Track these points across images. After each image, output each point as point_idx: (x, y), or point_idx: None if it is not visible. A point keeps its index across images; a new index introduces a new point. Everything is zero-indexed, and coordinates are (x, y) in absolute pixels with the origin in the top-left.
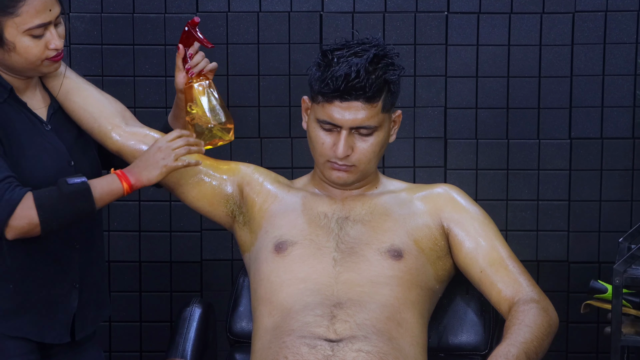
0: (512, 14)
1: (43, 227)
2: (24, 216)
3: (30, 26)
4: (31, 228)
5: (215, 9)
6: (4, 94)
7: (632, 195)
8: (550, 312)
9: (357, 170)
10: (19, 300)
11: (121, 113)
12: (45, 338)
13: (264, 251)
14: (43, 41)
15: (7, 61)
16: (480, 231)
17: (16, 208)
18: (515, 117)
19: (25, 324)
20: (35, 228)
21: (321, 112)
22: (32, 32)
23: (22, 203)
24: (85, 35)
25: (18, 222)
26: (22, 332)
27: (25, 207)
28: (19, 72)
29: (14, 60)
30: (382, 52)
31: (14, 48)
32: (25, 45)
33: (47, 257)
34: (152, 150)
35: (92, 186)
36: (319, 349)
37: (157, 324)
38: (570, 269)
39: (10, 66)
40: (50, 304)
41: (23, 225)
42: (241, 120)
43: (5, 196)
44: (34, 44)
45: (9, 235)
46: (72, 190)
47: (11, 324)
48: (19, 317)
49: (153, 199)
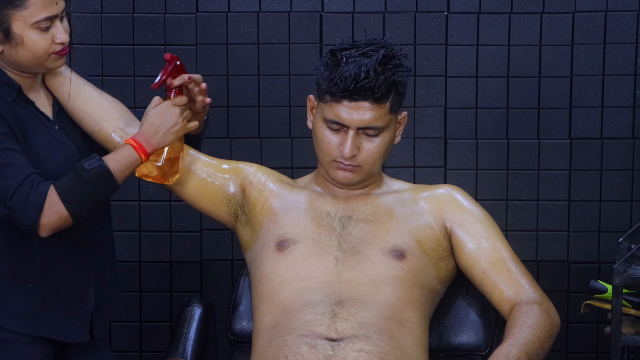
0: (512, 14)
1: (74, 217)
2: (53, 213)
3: (38, 19)
4: (62, 222)
5: (215, 9)
6: (13, 93)
7: (632, 195)
8: (552, 313)
9: (362, 170)
10: (40, 300)
11: (122, 114)
12: (67, 337)
13: (266, 249)
14: (49, 35)
15: (15, 57)
16: (483, 232)
17: (44, 207)
18: (515, 117)
19: (47, 323)
20: (67, 220)
21: (329, 112)
22: (39, 24)
23: (48, 200)
24: (85, 35)
25: (49, 219)
26: (44, 331)
27: (52, 204)
28: (25, 68)
29: (21, 55)
30: (391, 53)
31: (22, 42)
32: (33, 39)
33: (63, 255)
34: (169, 115)
35: (110, 165)
36: (319, 348)
37: (157, 324)
38: (570, 269)
39: (17, 62)
40: (70, 303)
41: (55, 221)
42: (241, 120)
43: (30, 197)
44: (41, 38)
45: (43, 233)
46: (93, 176)
47: (33, 323)
48: (41, 317)
49: (153, 199)
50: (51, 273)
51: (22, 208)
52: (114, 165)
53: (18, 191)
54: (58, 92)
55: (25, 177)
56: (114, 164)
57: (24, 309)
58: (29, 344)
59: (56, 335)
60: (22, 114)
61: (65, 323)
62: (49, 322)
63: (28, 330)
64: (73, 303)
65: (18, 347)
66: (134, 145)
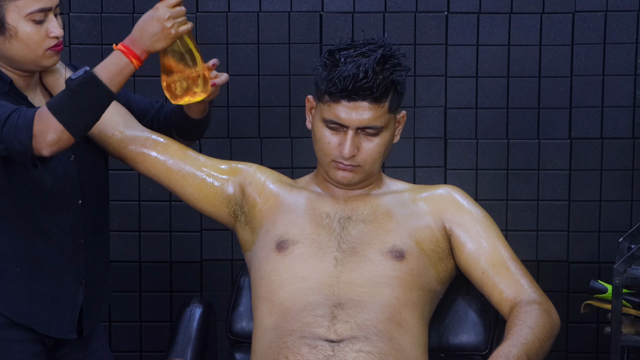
0: (512, 14)
1: (70, 130)
2: (45, 128)
3: (32, 10)
4: (59, 136)
5: (215, 9)
6: (4, 86)
7: (632, 195)
8: (552, 314)
9: (362, 170)
10: (26, 287)
11: (122, 117)
12: (50, 331)
13: (265, 250)
14: (44, 28)
15: (9, 51)
16: (482, 233)
17: (33, 126)
18: (515, 117)
19: (32, 313)
20: (63, 134)
21: (328, 112)
22: (33, 16)
23: (37, 118)
24: (85, 35)
25: (43, 137)
26: (28, 320)
27: (42, 120)
28: (20, 64)
29: (15, 49)
30: (389, 53)
31: (16, 34)
32: (27, 31)
33: (52, 247)
34: (156, 17)
35: (97, 72)
36: (319, 349)
37: (157, 324)
38: (570, 269)
39: (11, 56)
40: (58, 298)
41: (51, 137)
42: (241, 120)
43: (19, 122)
44: (35, 30)
45: (44, 151)
46: (78, 84)
47: (18, 310)
48: (26, 306)
49: (153, 199)
50: (39, 262)
51: (12, 134)
52: (103, 72)
53: (7, 122)
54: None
55: (13, 110)
56: (102, 70)
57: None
58: (17, 342)
59: (39, 328)
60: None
61: (51, 317)
62: (34, 312)
63: (12, 316)
64: (61, 298)
65: (6, 344)
66: (122, 49)
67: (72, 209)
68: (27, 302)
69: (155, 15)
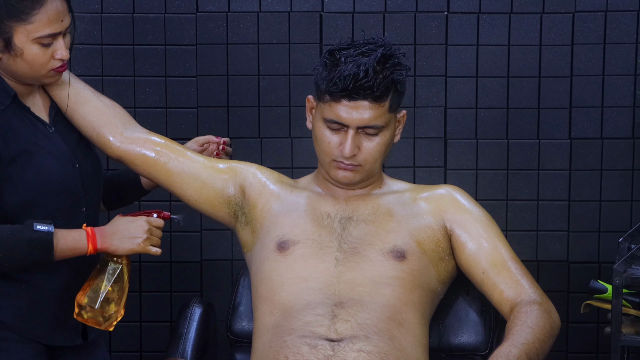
0: (512, 14)
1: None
2: None
3: (41, 35)
4: None
5: (215, 9)
6: (7, 100)
7: (632, 195)
8: (553, 314)
9: (362, 169)
10: (32, 303)
11: (121, 119)
12: (56, 341)
13: (266, 250)
14: (50, 50)
15: (12, 67)
16: (483, 233)
17: None
18: (515, 117)
19: (37, 327)
20: None
21: (328, 111)
22: (41, 40)
23: None
24: (85, 35)
25: None
26: (34, 335)
27: None
28: (21, 78)
29: (19, 67)
30: (390, 52)
31: (21, 54)
32: (33, 53)
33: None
34: (136, 224)
35: (56, 238)
36: (319, 349)
37: (157, 324)
38: (570, 269)
39: (15, 72)
40: (62, 308)
41: None
42: (241, 120)
43: None
44: (42, 53)
45: None
46: (34, 238)
47: (24, 326)
48: (32, 320)
49: (153, 199)
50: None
51: None
52: (60, 240)
53: None
54: (57, 97)
55: None
56: (61, 239)
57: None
58: (20, 342)
59: (44, 339)
60: (15, 121)
61: (56, 327)
62: (39, 326)
63: (19, 332)
64: (66, 308)
65: (8, 344)
66: (89, 232)
67: (78, 217)
68: (32, 317)
69: (136, 220)
